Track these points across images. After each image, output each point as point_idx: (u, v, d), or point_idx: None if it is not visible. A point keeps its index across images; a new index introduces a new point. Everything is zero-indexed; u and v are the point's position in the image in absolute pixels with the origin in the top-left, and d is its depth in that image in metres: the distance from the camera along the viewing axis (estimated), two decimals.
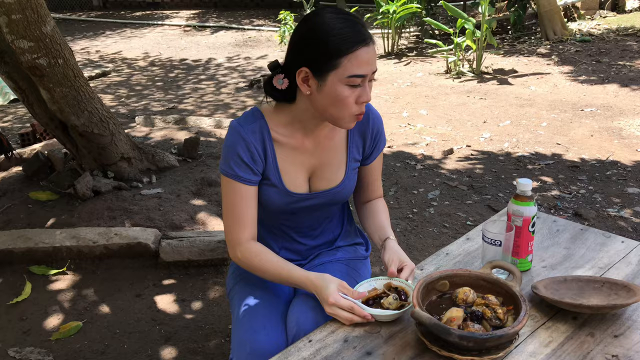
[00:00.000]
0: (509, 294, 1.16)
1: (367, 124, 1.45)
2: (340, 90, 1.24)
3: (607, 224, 2.92)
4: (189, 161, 3.74)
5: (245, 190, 1.36)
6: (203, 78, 6.72)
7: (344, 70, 1.22)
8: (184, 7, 12.52)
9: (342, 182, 1.44)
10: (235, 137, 1.34)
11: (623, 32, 7.29)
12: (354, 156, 1.46)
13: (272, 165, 1.37)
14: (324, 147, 1.42)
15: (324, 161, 1.42)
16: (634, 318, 1.18)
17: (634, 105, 4.77)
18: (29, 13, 2.63)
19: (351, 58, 1.21)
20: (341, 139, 1.44)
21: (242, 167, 1.34)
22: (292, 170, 1.40)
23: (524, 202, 1.31)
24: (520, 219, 1.31)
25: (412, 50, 7.56)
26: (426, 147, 4.09)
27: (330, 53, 1.21)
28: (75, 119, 3.07)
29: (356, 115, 1.29)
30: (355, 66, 1.22)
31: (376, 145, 1.50)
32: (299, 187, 1.41)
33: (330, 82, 1.24)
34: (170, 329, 2.25)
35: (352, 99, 1.25)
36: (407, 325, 1.19)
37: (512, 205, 1.33)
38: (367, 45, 1.22)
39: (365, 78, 1.25)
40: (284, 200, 1.41)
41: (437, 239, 2.85)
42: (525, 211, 1.30)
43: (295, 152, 1.39)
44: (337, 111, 1.27)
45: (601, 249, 1.46)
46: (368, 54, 1.23)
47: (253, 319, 1.37)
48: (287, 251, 1.55)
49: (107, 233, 2.74)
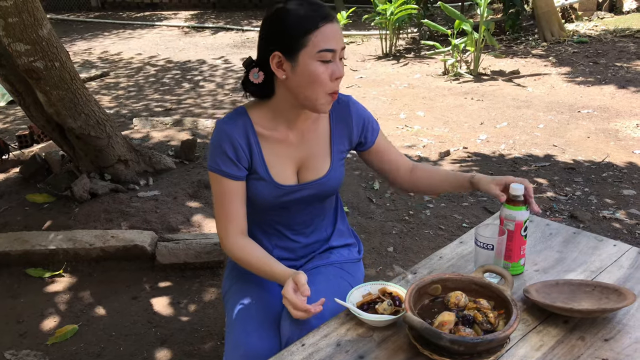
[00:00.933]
0: (501, 298, 1.17)
1: (347, 112, 1.50)
2: (313, 67, 1.28)
3: (602, 225, 2.93)
4: (186, 163, 3.74)
5: (231, 185, 1.40)
6: (201, 79, 6.73)
7: (313, 47, 1.27)
8: (183, 8, 12.52)
9: (328, 173, 1.47)
10: (220, 134, 1.39)
11: (620, 34, 7.30)
12: (339, 147, 1.50)
13: (259, 159, 1.41)
14: (308, 139, 1.46)
15: (309, 153, 1.46)
16: (624, 322, 1.19)
17: (631, 106, 4.78)
18: (25, 16, 2.64)
19: (318, 34, 1.27)
20: (324, 130, 1.49)
21: (227, 163, 1.39)
22: (279, 163, 1.43)
23: (516, 207, 1.32)
24: (512, 223, 1.32)
25: (409, 52, 7.57)
26: (423, 149, 4.10)
27: (298, 32, 1.27)
28: (72, 121, 3.08)
29: (331, 95, 1.33)
30: (323, 41, 1.27)
31: (367, 130, 1.53)
32: (287, 179, 1.44)
33: (302, 62, 1.29)
34: (166, 331, 2.26)
35: (325, 75, 1.29)
36: (399, 330, 1.20)
37: (504, 210, 1.33)
38: (331, 22, 1.29)
39: (335, 53, 1.29)
40: (273, 193, 1.44)
41: (433, 241, 2.86)
42: (518, 215, 1.31)
43: (281, 145, 1.43)
44: (312, 91, 1.31)
45: (593, 253, 1.47)
46: (334, 29, 1.29)
47: (247, 322, 1.38)
48: (281, 249, 1.56)
49: (104, 235, 2.75)
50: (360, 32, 8.93)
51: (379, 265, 2.67)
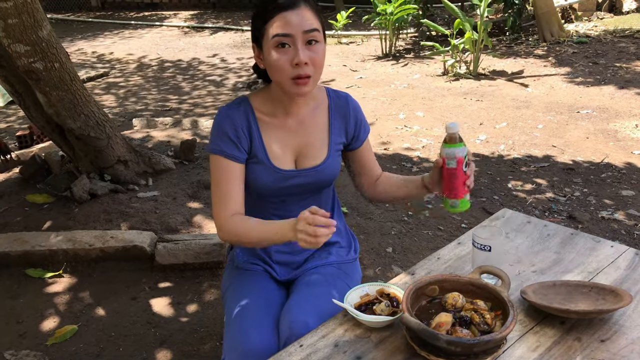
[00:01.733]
0: (498, 299, 1.18)
1: (346, 106, 1.54)
2: (271, 54, 1.33)
3: (600, 226, 2.93)
4: (186, 164, 3.75)
5: (231, 166, 1.42)
6: (201, 79, 6.74)
7: (269, 34, 1.33)
8: (183, 8, 12.53)
9: (324, 161, 1.50)
10: (221, 116, 1.44)
11: (620, 34, 7.31)
12: (336, 138, 1.53)
13: (259, 143, 1.45)
14: (306, 126, 1.49)
15: (307, 141, 1.49)
16: (620, 323, 1.19)
17: (630, 107, 4.79)
18: (25, 17, 2.64)
19: (273, 22, 1.32)
20: (323, 120, 1.52)
21: (227, 143, 1.42)
22: (277, 148, 1.46)
23: (455, 144, 1.31)
24: (454, 160, 1.31)
25: (409, 52, 7.57)
26: (422, 150, 4.11)
27: (259, 22, 1.35)
28: (71, 122, 3.09)
29: (293, 79, 1.34)
30: (277, 27, 1.31)
31: (360, 128, 1.57)
32: (285, 164, 1.47)
33: (265, 50, 1.36)
34: (165, 331, 2.26)
35: (283, 61, 1.32)
36: (397, 330, 1.20)
37: (445, 149, 1.32)
38: (292, 9, 1.31)
39: (293, 38, 1.32)
40: (271, 177, 1.46)
41: (432, 242, 2.87)
42: (458, 152, 1.31)
43: (280, 131, 1.47)
44: (277, 77, 1.36)
45: (591, 254, 1.47)
46: (294, 16, 1.31)
47: (246, 320, 1.38)
48: (278, 244, 1.56)
49: (103, 236, 2.75)
50: (360, 32, 8.94)
51: (378, 265, 2.68)
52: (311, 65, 1.33)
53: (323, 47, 1.37)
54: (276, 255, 1.58)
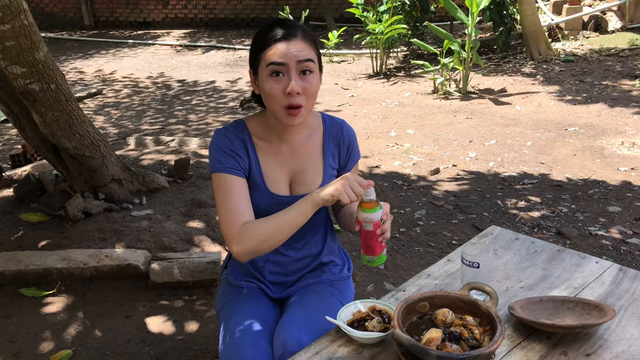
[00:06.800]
0: (486, 315, 1.21)
1: (340, 134, 1.56)
2: (266, 82, 1.37)
3: (588, 242, 2.99)
4: (179, 182, 3.78)
5: (236, 181, 1.43)
6: (194, 98, 6.79)
7: (264, 62, 1.37)
8: (175, 27, 12.64)
9: (319, 187, 1.49)
10: (219, 137, 1.47)
11: (606, 53, 7.46)
12: (330, 164, 1.55)
13: (255, 166, 1.47)
14: (300, 153, 1.51)
15: (302, 167, 1.51)
16: (605, 337, 1.23)
17: (616, 124, 4.89)
18: (22, 40, 2.68)
19: (269, 51, 1.35)
20: (317, 146, 1.54)
21: (227, 158, 1.44)
22: (273, 173, 1.49)
23: (371, 209, 1.33)
24: (371, 224, 1.34)
25: (400, 70, 7.68)
26: (413, 167, 4.16)
27: (256, 50, 1.39)
28: (66, 142, 3.11)
29: (286, 108, 1.37)
30: (272, 55, 1.35)
31: (350, 156, 1.58)
32: (280, 189, 1.49)
33: (260, 77, 1.39)
34: (160, 350, 2.27)
35: (276, 90, 1.36)
36: (388, 346, 1.23)
37: (362, 214, 1.34)
38: (287, 40, 1.34)
39: (287, 67, 1.35)
40: (266, 201, 1.48)
41: (423, 259, 2.90)
42: (375, 217, 1.33)
43: (275, 157, 1.49)
44: (270, 105, 1.39)
45: (576, 270, 1.52)
46: (289, 46, 1.34)
47: (240, 337, 1.40)
48: (271, 264, 1.59)
49: (98, 255, 2.77)
50: (352, 50, 9.06)
51: (370, 282, 2.71)
52: (303, 95, 1.36)
53: (317, 77, 1.40)
54: (269, 276, 1.60)
